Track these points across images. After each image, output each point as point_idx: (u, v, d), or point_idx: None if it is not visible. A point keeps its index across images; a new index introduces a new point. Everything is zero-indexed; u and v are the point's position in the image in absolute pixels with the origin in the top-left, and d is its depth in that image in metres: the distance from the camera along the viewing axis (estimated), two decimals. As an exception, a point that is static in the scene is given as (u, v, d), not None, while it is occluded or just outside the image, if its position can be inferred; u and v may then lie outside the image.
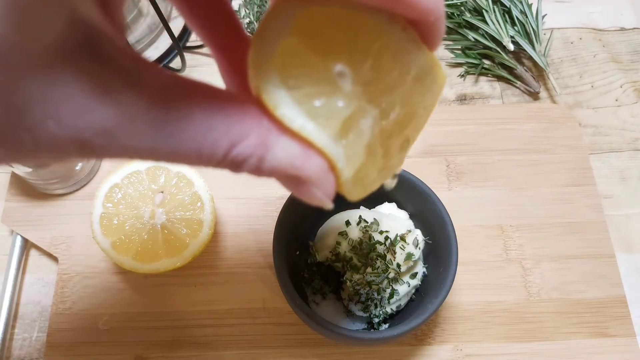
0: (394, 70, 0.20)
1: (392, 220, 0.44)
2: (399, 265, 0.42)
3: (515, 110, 0.56)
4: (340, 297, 0.45)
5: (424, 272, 0.45)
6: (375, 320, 0.43)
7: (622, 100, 0.58)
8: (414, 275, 0.44)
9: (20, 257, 0.49)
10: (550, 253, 0.49)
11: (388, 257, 0.42)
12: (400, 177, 0.44)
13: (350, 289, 0.43)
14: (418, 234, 0.44)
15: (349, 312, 0.45)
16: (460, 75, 0.59)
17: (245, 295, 0.47)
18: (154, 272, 0.45)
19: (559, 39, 0.61)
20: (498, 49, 0.58)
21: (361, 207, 0.46)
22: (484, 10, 0.59)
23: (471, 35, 0.59)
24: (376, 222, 0.43)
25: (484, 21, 0.58)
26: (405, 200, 0.46)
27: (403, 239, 0.43)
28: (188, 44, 0.60)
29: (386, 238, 0.43)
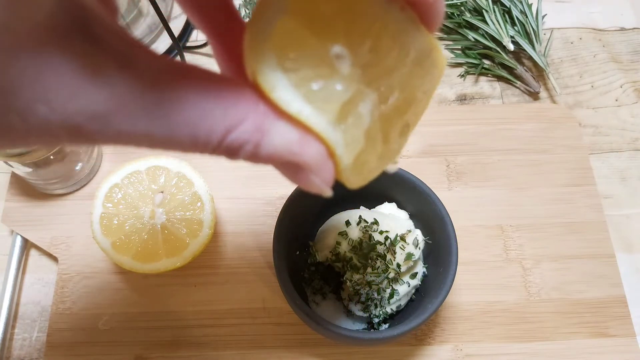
0: (392, 52, 0.20)
1: (392, 220, 0.44)
2: (399, 265, 0.42)
3: (515, 110, 0.56)
4: (340, 297, 0.45)
5: (424, 272, 0.45)
6: (375, 320, 0.43)
7: (622, 100, 0.58)
8: (414, 275, 0.44)
9: (20, 257, 0.49)
10: (550, 253, 0.50)
11: (388, 257, 0.42)
12: (400, 177, 0.44)
13: (350, 289, 0.43)
14: (418, 234, 0.44)
15: (349, 312, 0.45)
16: (460, 75, 0.59)
17: (245, 295, 0.47)
18: (154, 272, 0.45)
19: (559, 39, 0.61)
20: (498, 49, 0.58)
21: (361, 207, 0.46)
22: (484, 10, 0.59)
23: (471, 35, 0.59)
24: (376, 222, 0.43)
25: (484, 21, 0.58)
26: (405, 200, 0.46)
27: (403, 239, 0.43)
28: (188, 44, 0.60)
29: (386, 238, 0.43)
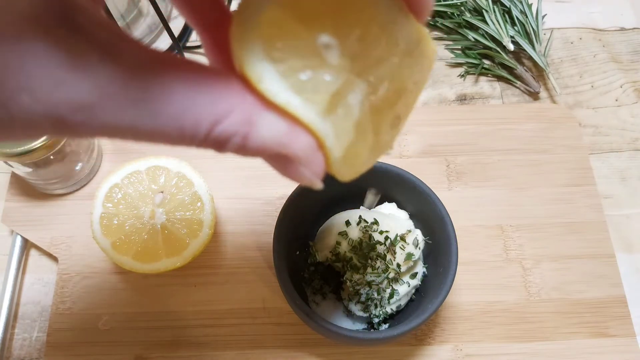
0: (381, 41, 0.19)
1: (392, 220, 0.44)
2: (399, 265, 0.42)
3: (515, 110, 0.56)
4: (340, 297, 0.45)
5: (424, 272, 0.45)
6: (375, 320, 0.43)
7: (622, 100, 0.58)
8: (414, 275, 0.44)
9: (20, 257, 0.49)
10: (550, 253, 0.49)
11: (388, 257, 0.42)
12: (400, 177, 0.44)
13: (350, 289, 0.43)
14: (418, 234, 0.44)
15: (349, 312, 0.45)
16: (460, 75, 0.59)
17: (245, 295, 0.47)
18: (154, 272, 0.45)
19: (559, 39, 0.61)
20: (498, 49, 0.58)
21: (361, 207, 0.46)
22: (484, 10, 0.59)
23: (471, 35, 0.59)
24: (376, 222, 0.43)
25: (484, 21, 0.58)
26: (405, 200, 0.46)
27: (403, 239, 0.43)
28: (188, 44, 0.60)
29: (386, 238, 0.43)
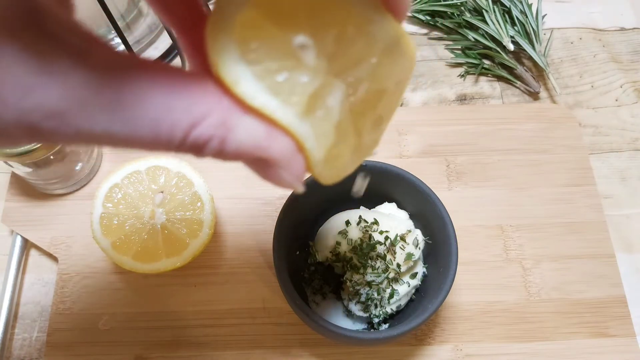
0: (358, 41, 0.19)
1: (392, 220, 0.44)
2: (399, 265, 0.42)
3: (515, 110, 0.56)
4: (340, 297, 0.45)
5: (424, 272, 0.45)
6: (375, 320, 0.43)
7: (622, 100, 0.58)
8: (414, 275, 0.44)
9: (20, 257, 0.49)
10: (550, 253, 0.49)
11: (388, 257, 0.42)
12: (400, 177, 0.44)
13: (350, 289, 0.43)
14: (418, 234, 0.44)
15: (349, 312, 0.45)
16: (460, 75, 0.59)
17: (245, 295, 0.47)
18: (154, 272, 0.45)
19: (559, 39, 0.61)
20: (498, 49, 0.58)
21: (361, 207, 0.46)
22: (484, 10, 0.59)
23: (471, 35, 0.59)
24: (376, 222, 0.43)
25: (484, 21, 0.58)
26: (405, 200, 0.46)
27: (403, 239, 0.43)
28: (188, 44, 0.60)
29: (386, 238, 0.43)
